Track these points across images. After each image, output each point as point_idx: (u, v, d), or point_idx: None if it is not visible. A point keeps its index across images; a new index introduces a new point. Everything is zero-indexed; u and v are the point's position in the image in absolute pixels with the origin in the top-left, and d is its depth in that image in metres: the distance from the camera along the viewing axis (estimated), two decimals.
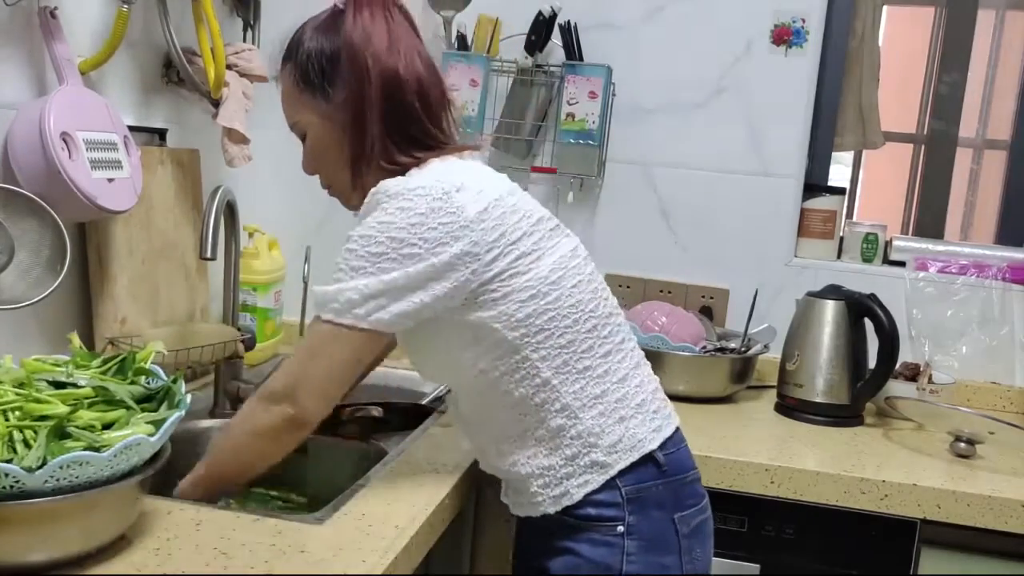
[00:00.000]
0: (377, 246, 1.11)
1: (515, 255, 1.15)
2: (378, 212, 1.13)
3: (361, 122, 1.20)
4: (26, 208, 1.26)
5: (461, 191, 1.14)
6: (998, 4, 2.37)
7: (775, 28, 2.04)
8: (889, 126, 2.24)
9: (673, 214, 2.13)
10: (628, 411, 1.20)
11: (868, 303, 1.79)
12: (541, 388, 1.17)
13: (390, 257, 1.11)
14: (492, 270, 1.13)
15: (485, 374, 1.18)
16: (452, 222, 1.11)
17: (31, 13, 1.35)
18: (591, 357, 1.19)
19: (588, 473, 1.18)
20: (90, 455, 0.90)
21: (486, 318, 1.15)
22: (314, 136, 1.25)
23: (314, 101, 1.22)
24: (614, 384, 1.20)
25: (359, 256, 1.12)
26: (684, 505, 1.23)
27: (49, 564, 0.93)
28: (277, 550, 1.03)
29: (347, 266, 1.13)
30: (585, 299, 1.20)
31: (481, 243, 1.12)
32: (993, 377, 2.03)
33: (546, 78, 2.08)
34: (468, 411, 1.27)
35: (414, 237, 1.11)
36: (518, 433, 1.21)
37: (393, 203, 1.12)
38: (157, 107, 1.71)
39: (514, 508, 1.29)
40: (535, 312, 1.15)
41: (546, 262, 1.17)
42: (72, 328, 1.46)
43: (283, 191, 2.08)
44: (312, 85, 1.22)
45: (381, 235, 1.11)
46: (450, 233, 1.11)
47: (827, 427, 1.78)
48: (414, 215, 1.11)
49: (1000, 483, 1.52)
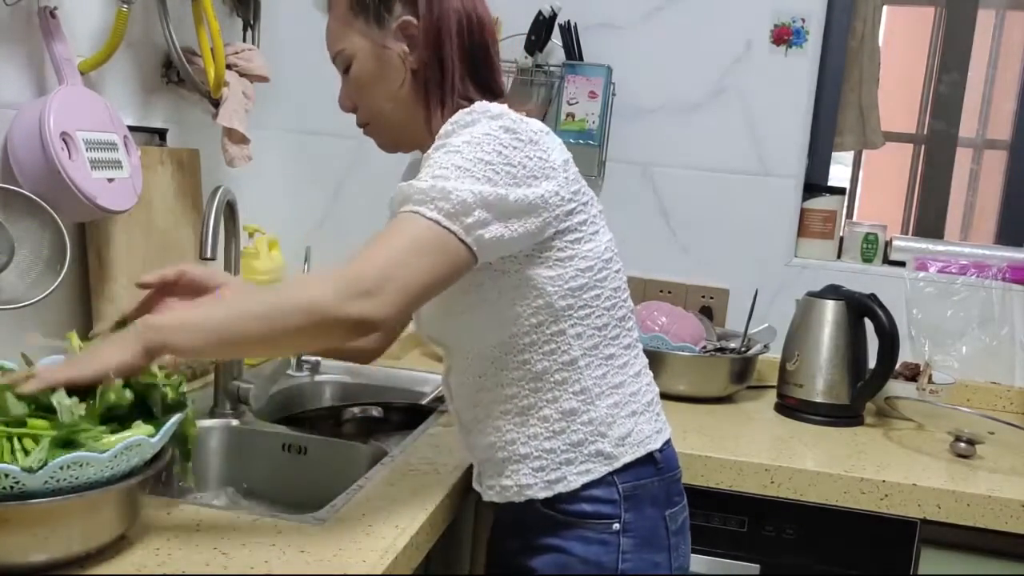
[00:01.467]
0: (484, 153, 1.04)
1: (583, 217, 1.14)
2: (481, 126, 1.07)
3: (441, 54, 1.15)
4: (26, 208, 1.26)
5: (550, 135, 1.13)
6: (998, 4, 2.36)
7: (775, 28, 2.04)
8: (889, 126, 2.24)
9: (673, 214, 2.13)
10: (639, 407, 1.20)
11: (868, 303, 1.79)
12: (566, 366, 1.15)
13: (495, 169, 1.04)
14: (568, 222, 1.12)
15: (515, 339, 1.14)
16: (545, 159, 1.09)
17: (31, 13, 1.35)
18: (616, 346, 1.19)
19: (591, 462, 1.16)
20: (90, 456, 0.90)
21: (545, 277, 1.12)
22: (361, 65, 1.17)
23: (367, 27, 1.16)
24: (631, 377, 1.20)
25: (465, 157, 1.04)
26: (672, 502, 1.23)
27: (50, 564, 0.92)
28: (277, 550, 1.03)
29: (451, 165, 1.03)
30: (622, 287, 1.21)
31: (564, 191, 1.11)
32: (993, 377, 2.03)
33: (546, 78, 2.08)
34: (474, 382, 1.20)
35: (517, 158, 1.06)
36: (522, 409, 1.17)
37: (497, 122, 1.07)
38: (157, 107, 1.71)
39: (492, 495, 1.24)
40: (587, 285, 1.14)
41: (603, 239, 1.18)
42: (72, 328, 1.46)
43: (283, 191, 2.09)
44: (367, 10, 1.16)
45: (487, 145, 1.05)
46: (543, 170, 1.08)
47: (827, 427, 1.78)
48: (516, 139, 1.07)
49: (1000, 483, 1.52)
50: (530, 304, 1.13)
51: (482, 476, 1.26)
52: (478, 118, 1.08)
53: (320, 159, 2.10)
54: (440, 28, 1.15)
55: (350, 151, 2.09)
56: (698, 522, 1.55)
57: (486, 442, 1.22)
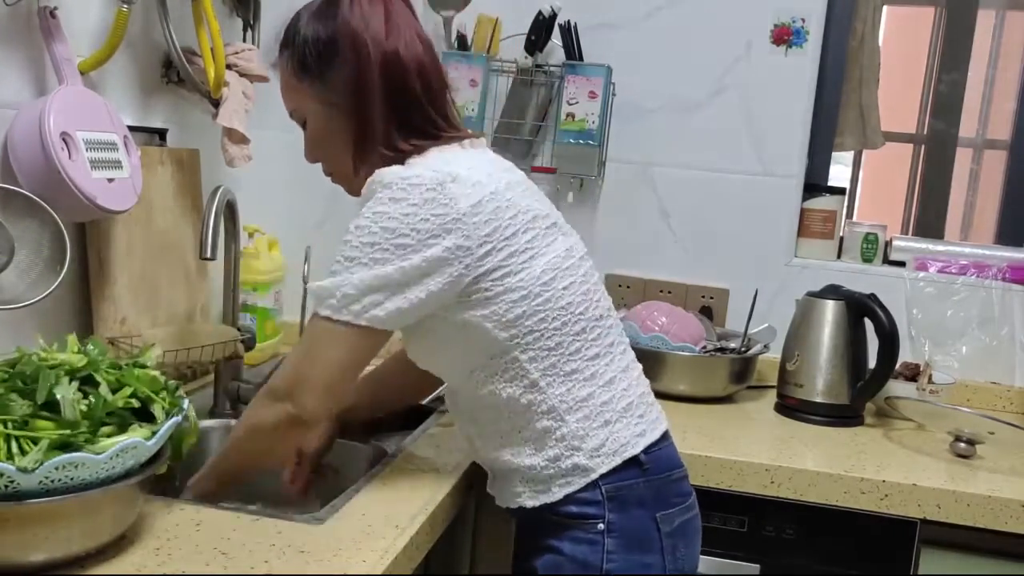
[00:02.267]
0: (370, 236, 1.10)
1: (507, 252, 1.14)
2: (373, 202, 1.12)
3: (363, 106, 1.18)
4: (26, 208, 1.26)
5: (456, 182, 1.12)
6: (998, 4, 2.36)
7: (775, 28, 2.04)
8: (889, 126, 2.24)
9: (673, 214, 2.13)
10: (613, 415, 1.20)
11: (868, 303, 1.79)
12: (529, 389, 1.17)
13: (383, 248, 1.09)
14: (484, 265, 1.12)
15: (475, 373, 1.19)
16: (444, 214, 1.10)
17: (31, 13, 1.35)
18: (578, 360, 1.19)
19: (570, 475, 1.18)
20: (85, 457, 0.90)
21: (478, 317, 1.14)
22: (314, 123, 1.24)
23: (312, 88, 1.21)
24: (600, 388, 1.20)
25: (353, 247, 1.11)
26: (667, 503, 1.22)
27: (48, 564, 0.92)
28: (277, 550, 1.03)
29: (343, 256, 1.12)
30: (576, 301, 1.19)
31: (473, 237, 1.11)
32: (993, 377, 2.03)
33: (546, 78, 2.08)
34: (462, 405, 1.27)
35: (406, 227, 1.09)
36: (504, 432, 1.21)
37: (387, 193, 1.11)
38: (157, 107, 1.71)
39: (498, 499, 1.29)
40: (525, 313, 1.15)
41: (539, 262, 1.16)
42: (72, 328, 1.46)
43: (283, 191, 2.09)
44: (310, 71, 1.20)
45: (375, 225, 1.10)
46: (442, 225, 1.10)
47: (827, 427, 1.78)
48: (407, 205, 1.10)
49: (1000, 483, 1.52)
50: (473, 343, 1.17)
51: (493, 481, 1.31)
52: (373, 191, 1.13)
53: None
54: (363, 80, 1.18)
55: None
56: None
57: (483, 456, 1.28)
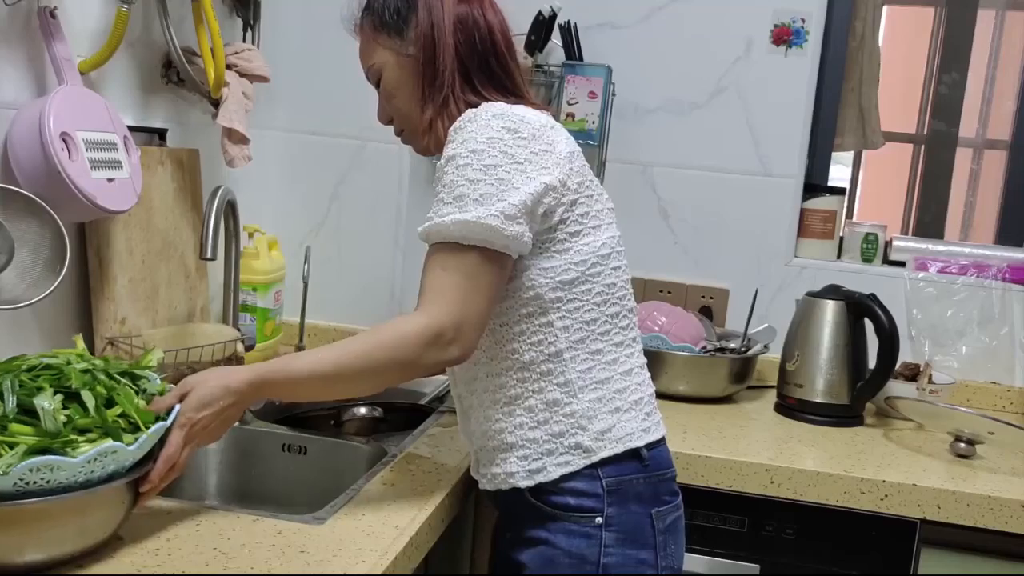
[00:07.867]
0: (491, 158, 1.12)
1: (585, 211, 1.19)
2: (483, 131, 1.13)
3: (435, 57, 1.22)
4: (26, 208, 1.26)
5: (554, 129, 1.18)
6: (998, 4, 2.37)
7: (775, 28, 2.04)
8: (889, 126, 2.24)
9: (673, 214, 2.13)
10: (624, 404, 1.21)
11: (868, 303, 1.79)
12: (552, 358, 1.18)
13: (505, 170, 1.12)
14: (570, 214, 1.17)
15: (505, 329, 1.19)
16: (549, 152, 1.15)
17: (31, 13, 1.35)
18: (605, 342, 1.21)
19: (570, 454, 1.18)
20: (60, 460, 0.90)
21: (539, 268, 1.16)
22: (388, 76, 1.26)
23: (389, 40, 1.25)
24: (619, 375, 1.21)
25: (475, 169, 1.12)
26: (661, 501, 1.23)
27: (43, 564, 0.93)
28: (277, 550, 1.03)
29: (464, 179, 1.11)
30: (619, 284, 1.23)
31: (569, 183, 1.17)
32: (993, 377, 2.03)
33: (546, 78, 2.08)
34: (470, 369, 1.24)
35: (523, 155, 1.13)
36: (510, 398, 1.20)
37: (499, 122, 1.14)
38: (157, 107, 1.71)
39: (485, 483, 1.27)
40: (578, 279, 1.18)
41: (603, 234, 1.21)
42: (72, 328, 1.46)
43: (283, 191, 2.09)
44: (387, 25, 1.25)
45: (492, 149, 1.12)
46: (546, 162, 1.15)
47: (827, 427, 1.78)
48: (518, 138, 1.14)
49: (1000, 483, 1.52)
50: (521, 295, 1.17)
51: (478, 464, 1.29)
52: (479, 119, 1.15)
53: (320, 159, 2.10)
54: (434, 34, 1.22)
55: (350, 151, 2.09)
56: (698, 522, 1.56)
57: (480, 430, 1.25)
